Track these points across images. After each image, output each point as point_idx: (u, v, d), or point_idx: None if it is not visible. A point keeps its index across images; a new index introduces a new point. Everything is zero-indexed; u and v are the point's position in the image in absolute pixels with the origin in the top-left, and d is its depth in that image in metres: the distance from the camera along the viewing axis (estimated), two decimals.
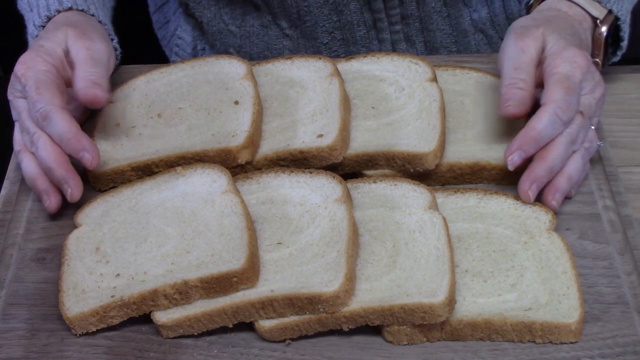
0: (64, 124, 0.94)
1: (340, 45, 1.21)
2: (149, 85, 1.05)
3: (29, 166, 0.97)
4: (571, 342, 0.85)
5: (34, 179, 0.97)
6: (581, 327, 0.85)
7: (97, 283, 0.88)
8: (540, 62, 0.98)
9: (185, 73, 1.06)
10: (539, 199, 0.95)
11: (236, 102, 1.01)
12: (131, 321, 0.87)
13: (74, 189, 0.94)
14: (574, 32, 1.01)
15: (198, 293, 0.86)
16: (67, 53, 1.00)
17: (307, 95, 1.02)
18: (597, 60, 1.04)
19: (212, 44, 1.27)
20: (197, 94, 1.03)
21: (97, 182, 0.99)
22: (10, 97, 1.00)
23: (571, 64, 0.95)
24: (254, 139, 0.97)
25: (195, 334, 0.87)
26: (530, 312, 0.85)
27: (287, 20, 1.20)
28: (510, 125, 1.02)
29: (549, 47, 0.98)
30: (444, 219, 0.91)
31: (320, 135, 0.96)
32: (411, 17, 1.20)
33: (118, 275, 0.88)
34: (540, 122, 0.93)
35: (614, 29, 1.05)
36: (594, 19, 1.03)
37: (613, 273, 0.90)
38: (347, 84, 1.03)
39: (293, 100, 1.02)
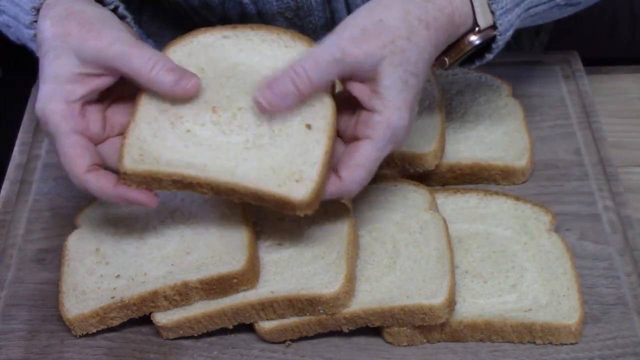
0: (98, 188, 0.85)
1: None
2: (192, 60, 0.88)
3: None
4: (571, 343, 0.85)
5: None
6: (581, 328, 0.85)
7: (97, 284, 0.88)
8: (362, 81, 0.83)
9: (240, 47, 0.88)
10: None
11: (308, 127, 0.83)
12: (131, 322, 0.87)
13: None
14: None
15: (198, 294, 0.86)
16: (96, 65, 0.85)
17: None
18: (444, 59, 0.88)
19: None
20: None
21: (129, 181, 0.84)
22: None
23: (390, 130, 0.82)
24: (320, 192, 0.81)
25: (196, 335, 0.87)
26: (530, 313, 0.85)
27: None
28: (510, 126, 1.02)
29: (384, 83, 0.81)
30: (444, 219, 0.91)
31: None
32: None
33: (118, 276, 0.88)
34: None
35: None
36: (475, 25, 0.86)
37: (613, 274, 0.90)
38: None
39: None
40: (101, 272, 0.89)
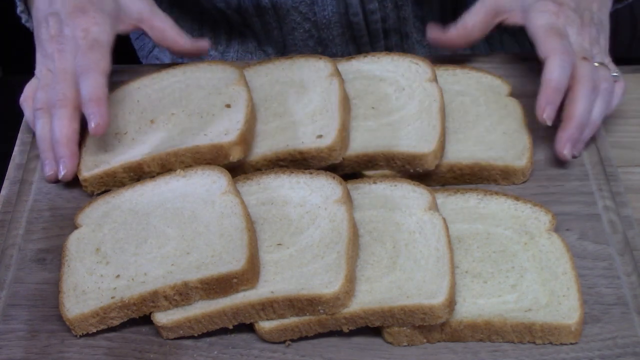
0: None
1: None
2: (140, 92, 1.05)
3: (45, 129, 1.00)
4: (571, 343, 0.85)
5: (45, 142, 0.99)
6: (581, 328, 0.85)
7: (97, 284, 0.88)
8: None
9: (177, 79, 1.06)
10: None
11: (228, 105, 1.00)
12: (131, 322, 0.87)
13: (68, 170, 0.98)
14: None
15: (198, 294, 0.86)
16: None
17: (307, 95, 1.02)
18: None
19: None
20: (190, 99, 1.02)
21: (89, 186, 0.98)
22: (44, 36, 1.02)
23: (545, 14, 1.00)
24: (247, 136, 0.97)
25: (196, 335, 0.87)
26: (530, 313, 0.85)
27: (273, 47, 1.21)
28: (510, 126, 1.02)
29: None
30: (444, 219, 0.91)
31: (320, 136, 0.96)
32: (395, 50, 1.19)
33: (118, 276, 0.88)
34: (554, 72, 0.96)
35: None
36: None
37: (613, 274, 0.90)
38: (347, 83, 1.03)
39: (293, 101, 1.02)
40: (101, 272, 0.89)
